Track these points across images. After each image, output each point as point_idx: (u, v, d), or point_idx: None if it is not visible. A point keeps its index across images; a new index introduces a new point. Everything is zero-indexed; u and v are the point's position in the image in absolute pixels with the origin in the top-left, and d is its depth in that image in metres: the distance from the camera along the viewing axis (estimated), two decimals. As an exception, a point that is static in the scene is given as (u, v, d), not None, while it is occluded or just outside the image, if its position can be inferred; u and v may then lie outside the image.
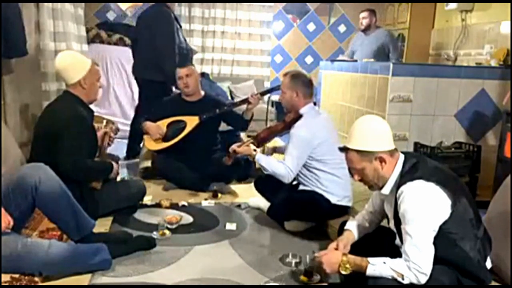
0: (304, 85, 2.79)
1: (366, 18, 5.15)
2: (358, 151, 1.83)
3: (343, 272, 1.82)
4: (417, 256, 1.67)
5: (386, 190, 1.87)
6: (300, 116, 2.73)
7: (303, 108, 2.76)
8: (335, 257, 1.85)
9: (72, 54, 2.69)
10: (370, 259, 1.75)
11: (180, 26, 4.15)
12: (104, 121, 3.11)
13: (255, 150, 2.81)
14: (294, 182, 2.85)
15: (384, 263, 1.72)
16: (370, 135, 1.82)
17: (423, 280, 1.67)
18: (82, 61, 2.62)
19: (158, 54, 3.86)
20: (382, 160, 1.82)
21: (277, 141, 4.23)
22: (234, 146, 2.88)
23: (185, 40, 4.18)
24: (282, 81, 2.86)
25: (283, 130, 2.86)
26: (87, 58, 2.68)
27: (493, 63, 4.22)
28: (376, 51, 5.05)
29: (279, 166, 2.66)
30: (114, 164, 2.78)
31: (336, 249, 1.96)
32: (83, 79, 2.58)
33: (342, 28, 6.84)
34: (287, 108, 2.87)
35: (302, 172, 2.74)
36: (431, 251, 1.68)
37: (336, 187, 2.71)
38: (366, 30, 5.18)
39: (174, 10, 4.13)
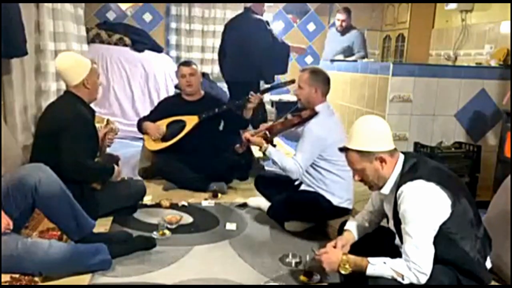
0: (324, 82, 2.75)
1: (345, 20, 5.33)
2: (358, 151, 1.83)
3: (343, 272, 1.82)
4: (417, 256, 1.67)
5: (386, 190, 1.87)
6: (315, 113, 2.68)
7: (319, 106, 2.71)
8: (335, 256, 1.85)
9: (72, 56, 2.69)
10: (370, 259, 1.75)
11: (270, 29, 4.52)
12: (105, 120, 3.10)
13: (267, 142, 2.72)
14: (296, 182, 2.84)
15: (384, 263, 1.72)
16: (370, 135, 1.82)
17: (423, 280, 1.67)
18: (83, 62, 2.63)
19: (258, 58, 4.29)
20: (382, 160, 1.82)
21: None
22: (247, 135, 2.79)
23: (277, 39, 4.51)
24: (300, 76, 2.78)
25: (298, 124, 2.77)
26: (86, 58, 2.69)
27: (493, 63, 4.21)
28: (343, 48, 5.33)
29: (289, 161, 2.63)
30: (116, 166, 2.78)
31: (335, 247, 1.96)
32: (86, 79, 2.60)
33: (342, 28, 6.84)
34: (303, 104, 2.80)
35: (308, 171, 2.71)
36: (431, 251, 1.68)
37: (339, 188, 2.70)
38: (344, 31, 5.39)
39: (262, 14, 4.48)
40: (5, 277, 1.99)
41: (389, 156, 1.83)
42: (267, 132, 2.77)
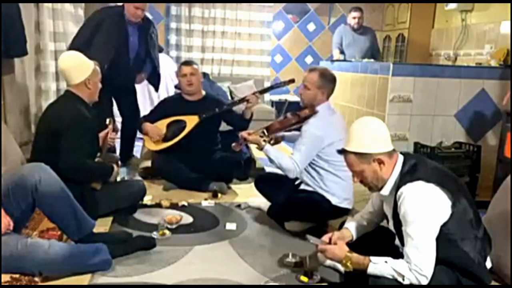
0: (332, 83, 2.74)
1: (360, 18, 5.29)
2: (356, 153, 1.84)
3: (344, 268, 1.83)
4: (419, 258, 1.67)
5: (386, 191, 1.87)
6: (314, 113, 2.67)
7: (320, 106, 2.70)
8: (340, 251, 1.86)
9: (76, 55, 2.70)
10: (372, 258, 1.75)
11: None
12: (107, 120, 3.08)
13: (264, 141, 2.70)
14: (296, 182, 2.84)
15: (386, 262, 1.72)
16: (368, 137, 1.82)
17: (423, 282, 1.66)
18: (86, 62, 2.64)
19: None
20: (380, 162, 1.82)
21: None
22: (244, 134, 2.79)
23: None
24: (308, 77, 2.73)
25: (296, 124, 2.74)
26: (89, 59, 2.69)
27: (493, 63, 4.22)
28: (368, 49, 5.29)
29: (287, 160, 2.62)
30: (115, 166, 2.78)
31: (329, 242, 1.97)
32: (88, 79, 2.60)
33: (342, 28, 6.84)
34: (306, 104, 2.77)
35: (307, 170, 2.71)
36: (432, 253, 1.68)
37: (338, 188, 2.70)
38: (358, 29, 5.35)
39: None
40: (5, 277, 1.99)
41: (388, 157, 1.83)
42: (265, 131, 2.75)
